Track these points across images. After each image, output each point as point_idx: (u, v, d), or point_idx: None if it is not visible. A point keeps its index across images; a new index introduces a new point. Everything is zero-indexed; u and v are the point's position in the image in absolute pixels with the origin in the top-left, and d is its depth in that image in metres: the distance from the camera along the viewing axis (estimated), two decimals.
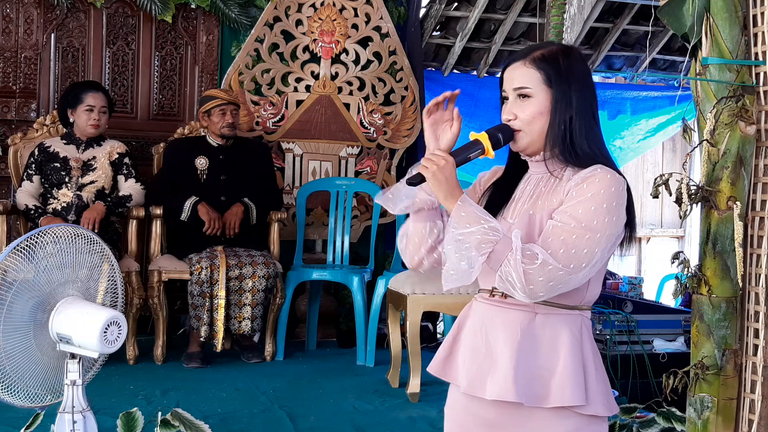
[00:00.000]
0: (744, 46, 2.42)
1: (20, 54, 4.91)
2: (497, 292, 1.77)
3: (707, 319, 2.42)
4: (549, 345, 1.73)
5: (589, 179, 1.69)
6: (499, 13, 6.09)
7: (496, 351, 1.74)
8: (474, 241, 1.65)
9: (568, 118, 1.75)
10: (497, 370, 1.73)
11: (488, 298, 1.80)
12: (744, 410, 2.43)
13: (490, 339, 1.76)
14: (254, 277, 4.27)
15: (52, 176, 4.35)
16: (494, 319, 1.77)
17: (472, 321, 1.82)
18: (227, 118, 4.55)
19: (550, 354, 1.73)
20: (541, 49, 1.79)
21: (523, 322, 1.74)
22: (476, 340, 1.79)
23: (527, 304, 1.73)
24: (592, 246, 1.65)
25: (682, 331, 4.55)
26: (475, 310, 1.83)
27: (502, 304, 1.77)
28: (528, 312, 1.74)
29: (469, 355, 1.79)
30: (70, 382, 2.46)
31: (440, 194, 1.69)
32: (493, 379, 1.73)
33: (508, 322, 1.75)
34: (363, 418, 3.50)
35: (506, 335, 1.74)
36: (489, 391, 1.73)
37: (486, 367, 1.75)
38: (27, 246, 2.39)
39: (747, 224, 2.43)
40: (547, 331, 1.74)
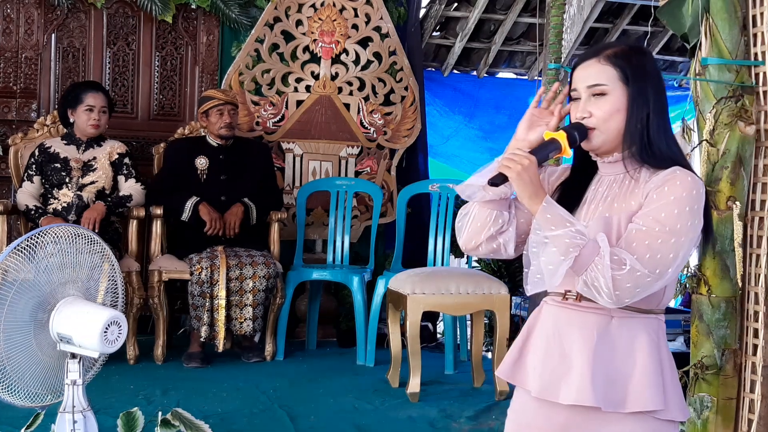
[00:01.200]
0: (743, 47, 2.42)
1: (21, 54, 4.92)
2: (570, 295, 1.74)
3: (707, 318, 2.42)
4: (626, 349, 1.71)
5: (670, 182, 1.67)
6: (498, 13, 6.10)
7: (572, 355, 1.72)
8: (561, 245, 1.63)
9: (645, 116, 1.72)
10: (573, 374, 1.71)
11: (561, 301, 1.76)
12: (743, 410, 2.43)
13: (564, 343, 1.74)
14: (255, 278, 4.27)
15: (52, 176, 4.35)
16: (569, 322, 1.75)
17: (544, 325, 1.79)
18: (224, 118, 4.55)
19: (627, 358, 1.71)
20: (614, 47, 1.77)
21: (600, 325, 1.72)
22: (549, 344, 1.76)
23: (603, 308, 1.70)
24: (676, 250, 1.63)
25: (682, 330, 4.56)
26: (546, 313, 1.80)
27: (577, 308, 1.74)
28: (604, 315, 1.72)
29: (542, 359, 1.76)
30: (71, 381, 2.46)
31: (525, 194, 1.66)
32: (568, 383, 1.70)
33: (583, 326, 1.73)
34: (363, 418, 3.50)
35: (582, 339, 1.72)
36: (564, 396, 1.70)
37: (560, 371, 1.73)
38: (27, 246, 2.39)
39: (746, 224, 2.44)
40: (624, 334, 1.72)
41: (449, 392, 3.91)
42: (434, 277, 3.86)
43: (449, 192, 4.80)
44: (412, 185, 4.94)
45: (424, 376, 3.80)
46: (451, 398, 3.79)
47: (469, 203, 1.80)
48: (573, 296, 1.74)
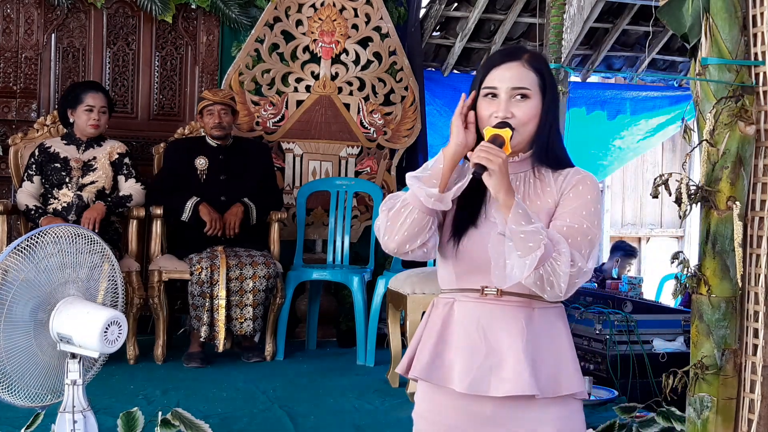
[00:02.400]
0: (743, 47, 2.42)
1: (21, 54, 4.91)
2: (490, 290, 1.79)
3: (707, 318, 2.42)
4: (549, 337, 1.80)
5: (582, 182, 1.79)
6: (498, 13, 6.10)
7: (501, 348, 1.76)
8: (535, 240, 1.66)
9: (551, 123, 1.83)
10: (506, 366, 1.75)
11: (479, 297, 1.80)
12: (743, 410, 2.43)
13: (489, 337, 1.77)
14: (255, 278, 4.27)
15: (52, 176, 4.35)
16: (491, 317, 1.79)
17: (462, 321, 1.81)
18: (215, 118, 4.56)
19: (551, 345, 1.80)
20: (530, 52, 1.84)
21: (525, 317, 1.78)
22: (473, 340, 1.78)
23: (523, 300, 1.78)
24: (596, 244, 1.77)
25: (682, 330, 4.55)
26: (461, 310, 1.82)
27: (498, 302, 1.79)
28: (526, 307, 1.79)
29: (467, 355, 1.77)
30: (71, 381, 2.46)
31: (503, 188, 1.68)
32: (501, 376, 1.74)
33: (509, 319, 1.78)
34: (363, 418, 3.50)
35: (510, 331, 1.77)
36: (500, 388, 1.74)
37: (489, 365, 1.76)
38: (27, 246, 2.39)
39: (746, 224, 2.44)
40: (545, 323, 1.80)
41: None
42: (434, 277, 3.84)
43: None
44: None
45: None
46: None
47: (400, 204, 1.80)
48: (493, 292, 1.79)
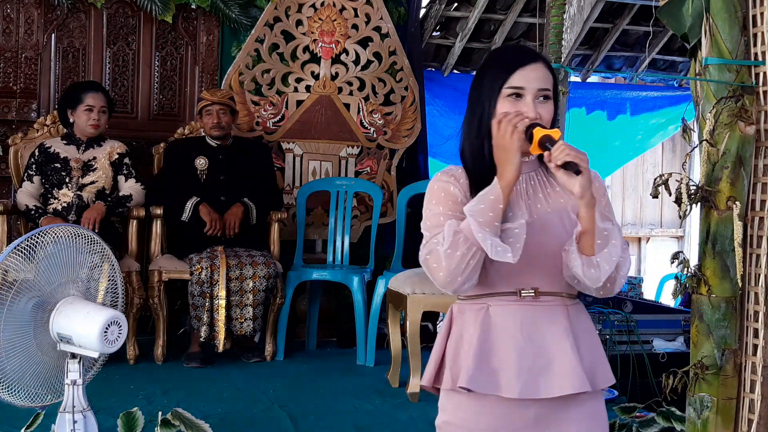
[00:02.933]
0: (743, 47, 2.42)
1: (21, 54, 4.91)
2: (527, 292, 1.77)
3: (707, 318, 2.42)
4: (583, 333, 1.81)
5: (596, 179, 1.82)
6: (499, 13, 6.10)
7: (548, 348, 1.75)
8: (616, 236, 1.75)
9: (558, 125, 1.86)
10: (557, 366, 1.74)
11: (516, 299, 1.77)
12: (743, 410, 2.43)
13: (534, 338, 1.76)
14: (255, 278, 4.27)
15: (52, 176, 4.35)
16: (533, 319, 1.77)
17: (503, 325, 1.77)
18: (213, 118, 4.56)
19: (586, 340, 1.81)
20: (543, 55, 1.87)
21: (564, 315, 1.79)
22: (518, 343, 1.75)
23: (559, 299, 1.79)
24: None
25: (682, 330, 4.56)
26: (498, 314, 1.78)
27: (537, 303, 1.78)
28: (561, 306, 1.80)
29: (513, 359, 1.74)
30: (71, 381, 2.46)
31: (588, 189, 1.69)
32: (552, 376, 1.74)
33: (550, 319, 1.78)
34: (363, 418, 3.50)
35: (554, 330, 1.77)
36: (555, 389, 1.73)
37: (537, 367, 1.74)
38: (27, 246, 2.39)
39: (746, 224, 2.44)
40: (578, 320, 1.82)
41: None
42: None
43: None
44: (412, 185, 4.94)
45: None
46: None
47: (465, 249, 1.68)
48: (530, 293, 1.77)
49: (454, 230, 1.69)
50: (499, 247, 1.67)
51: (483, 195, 1.70)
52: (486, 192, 1.70)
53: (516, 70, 1.77)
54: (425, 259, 1.75)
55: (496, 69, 1.80)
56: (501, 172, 1.71)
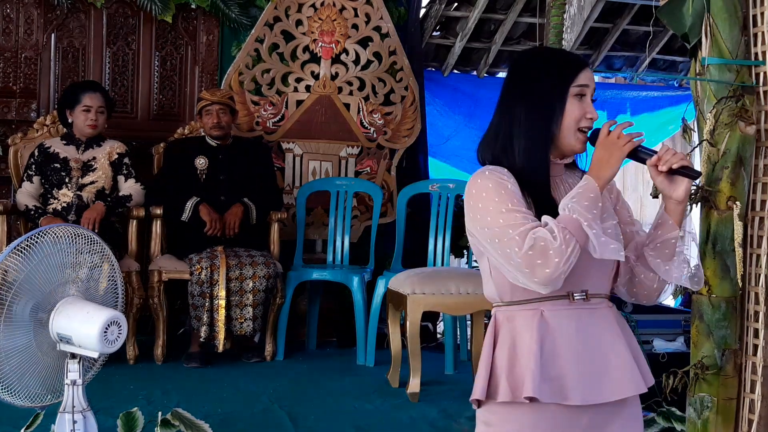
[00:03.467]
0: (744, 47, 2.42)
1: (20, 54, 4.91)
2: (579, 295, 1.76)
3: (707, 319, 2.42)
4: (628, 334, 1.83)
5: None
6: (499, 13, 6.09)
7: (604, 351, 1.75)
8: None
9: None
10: (615, 369, 1.74)
11: (568, 303, 1.75)
12: (744, 410, 2.43)
13: (591, 342, 1.75)
14: (255, 278, 4.27)
15: (52, 177, 4.35)
16: (587, 321, 1.76)
17: (559, 330, 1.73)
18: (213, 118, 4.56)
19: (631, 342, 1.82)
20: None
21: (612, 316, 1.81)
22: (575, 348, 1.73)
23: (606, 300, 1.81)
24: None
25: (682, 331, 4.55)
26: (554, 318, 1.74)
27: (587, 305, 1.77)
28: (608, 308, 1.82)
29: (575, 365, 1.72)
30: (71, 381, 2.46)
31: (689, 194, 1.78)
32: (612, 379, 1.73)
33: (602, 321, 1.78)
34: (363, 418, 3.50)
35: (608, 334, 1.77)
36: (616, 392, 1.73)
37: (596, 371, 1.73)
38: (27, 246, 2.39)
39: (747, 224, 2.44)
40: (621, 321, 1.84)
41: (449, 392, 3.91)
42: (434, 277, 3.86)
43: (449, 192, 4.80)
44: (412, 185, 4.94)
45: (425, 376, 3.80)
46: (452, 398, 3.79)
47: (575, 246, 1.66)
48: (582, 296, 1.76)
49: (560, 226, 1.66)
50: (612, 245, 1.67)
51: (582, 192, 1.69)
52: (584, 189, 1.69)
53: (582, 69, 1.79)
54: (527, 255, 1.64)
55: (561, 69, 1.79)
56: (599, 172, 1.71)
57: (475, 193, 1.74)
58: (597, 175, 1.71)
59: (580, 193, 1.69)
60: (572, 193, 1.70)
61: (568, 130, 1.77)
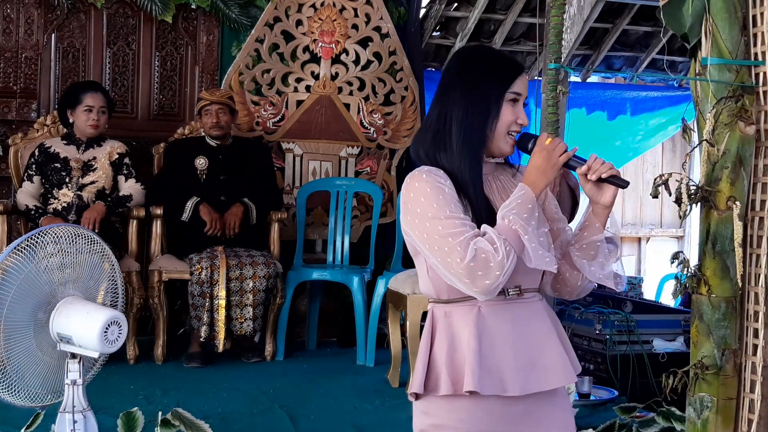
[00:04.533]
0: (743, 47, 2.42)
1: (21, 54, 4.91)
2: (513, 291, 1.81)
3: (707, 318, 2.42)
4: (556, 324, 1.89)
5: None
6: (498, 13, 6.09)
7: (540, 343, 1.82)
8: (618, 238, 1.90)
9: None
10: (549, 360, 1.81)
11: (503, 298, 1.80)
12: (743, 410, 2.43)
13: (526, 335, 1.81)
14: (255, 278, 4.27)
15: (52, 176, 4.35)
16: (520, 315, 1.83)
17: (496, 325, 1.79)
18: (212, 118, 4.56)
19: (558, 332, 1.88)
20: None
21: (543, 310, 1.87)
22: (514, 341, 1.80)
23: (536, 294, 1.87)
24: None
25: (682, 330, 4.55)
26: (491, 314, 1.79)
27: (521, 300, 1.83)
28: (539, 302, 1.88)
29: (512, 357, 1.78)
30: (71, 381, 2.46)
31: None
32: (547, 369, 1.80)
33: (534, 314, 1.85)
34: (363, 418, 3.50)
35: (540, 326, 1.84)
36: (550, 381, 1.80)
37: (531, 362, 1.80)
38: (27, 246, 2.39)
39: (746, 224, 2.44)
40: (551, 314, 1.90)
41: None
42: None
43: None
44: None
45: None
46: None
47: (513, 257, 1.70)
48: (516, 292, 1.81)
49: (501, 238, 1.70)
50: (547, 258, 1.73)
51: (521, 203, 1.73)
52: (523, 200, 1.74)
53: (518, 76, 1.85)
54: (469, 266, 1.67)
55: (499, 72, 1.84)
56: (535, 181, 1.76)
57: (413, 196, 1.78)
58: (533, 184, 1.76)
59: (519, 204, 1.73)
60: (511, 203, 1.74)
61: (500, 134, 1.83)
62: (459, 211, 1.75)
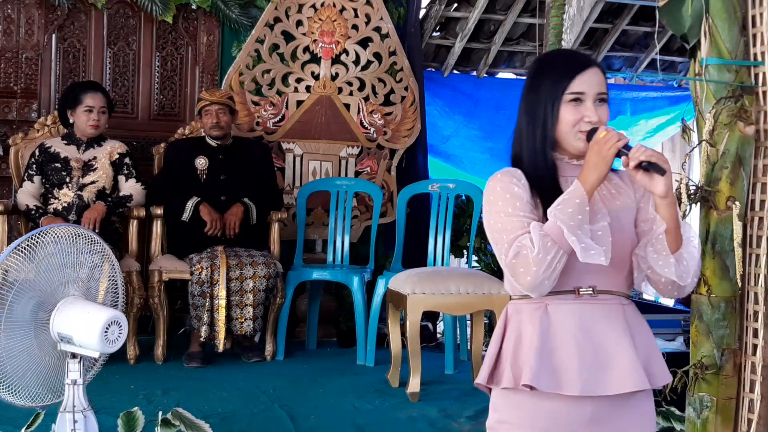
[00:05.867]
0: (743, 47, 2.42)
1: (21, 54, 4.92)
2: (586, 291, 1.80)
3: (706, 318, 2.43)
4: (640, 331, 1.84)
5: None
6: (498, 13, 6.09)
7: (608, 346, 1.78)
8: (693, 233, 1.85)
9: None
10: (616, 364, 1.77)
11: (574, 298, 1.80)
12: (743, 410, 2.43)
13: (594, 336, 1.79)
14: (255, 278, 4.27)
15: (52, 176, 4.35)
16: (592, 317, 1.80)
17: (563, 323, 1.79)
18: (212, 118, 4.56)
19: (643, 339, 1.84)
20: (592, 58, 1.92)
21: (621, 314, 1.83)
22: (578, 341, 1.78)
23: (616, 297, 1.83)
24: None
25: (682, 330, 4.55)
26: (557, 313, 1.80)
27: (596, 301, 1.81)
28: (618, 305, 1.84)
29: (574, 357, 1.77)
30: (71, 381, 2.46)
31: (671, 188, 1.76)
32: (613, 373, 1.76)
33: (608, 316, 1.81)
34: (363, 418, 3.50)
35: (614, 329, 1.80)
36: (615, 386, 1.76)
37: (598, 364, 1.77)
38: (28, 246, 2.39)
39: (746, 224, 2.44)
40: (633, 319, 1.85)
41: (449, 392, 3.91)
42: (434, 277, 3.86)
43: (449, 192, 4.81)
44: (412, 185, 4.94)
45: (424, 375, 3.80)
46: (451, 398, 3.79)
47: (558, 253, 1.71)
48: (588, 291, 1.80)
49: (541, 234, 1.71)
50: (593, 251, 1.71)
51: (568, 198, 1.72)
52: (570, 195, 1.73)
53: (576, 75, 1.81)
54: (511, 263, 1.74)
55: (555, 75, 1.83)
56: (587, 176, 1.74)
57: (486, 195, 1.85)
58: (584, 180, 1.74)
59: (566, 200, 1.72)
60: (559, 200, 1.74)
61: (566, 134, 1.82)
62: (525, 209, 1.77)
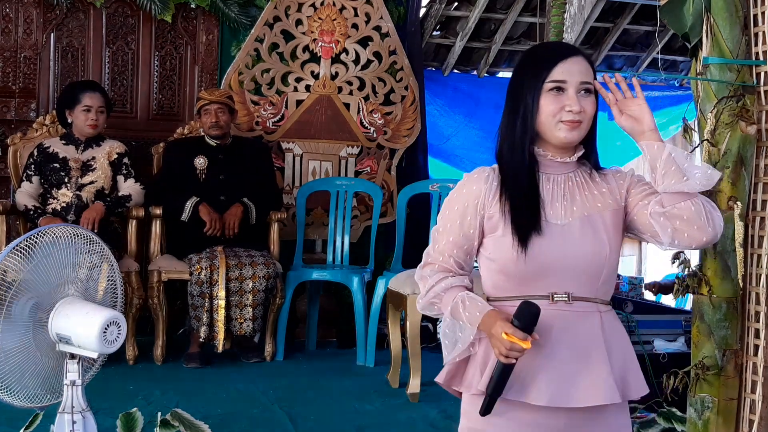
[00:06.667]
0: (744, 46, 2.41)
1: (20, 54, 4.91)
2: (560, 297, 1.71)
3: (708, 319, 2.42)
4: (616, 340, 1.76)
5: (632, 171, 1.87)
6: (499, 12, 6.09)
7: (582, 356, 1.70)
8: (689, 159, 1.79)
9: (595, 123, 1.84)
10: (589, 375, 1.69)
11: (548, 303, 1.71)
12: (745, 410, 2.43)
13: (567, 346, 1.71)
14: (254, 278, 4.27)
15: (51, 176, 4.34)
16: (565, 323, 1.71)
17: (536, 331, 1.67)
18: (211, 117, 4.55)
19: (619, 349, 1.75)
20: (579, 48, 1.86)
21: (597, 321, 1.74)
22: (551, 351, 1.70)
23: (592, 305, 1.74)
24: None
25: (683, 331, 4.54)
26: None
27: (569, 308, 1.72)
28: (594, 312, 1.74)
29: (545, 366, 1.70)
30: (70, 382, 2.45)
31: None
32: (585, 386, 1.69)
33: (583, 324, 1.73)
34: (363, 419, 3.50)
35: (588, 338, 1.72)
36: (585, 398, 1.68)
37: (570, 374, 1.70)
38: (26, 246, 2.38)
39: (747, 224, 2.43)
40: (610, 327, 1.76)
41: (449, 393, 3.90)
42: None
43: (449, 192, 4.79)
44: (412, 185, 4.93)
45: (425, 376, 3.79)
46: (452, 399, 3.74)
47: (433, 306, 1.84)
48: (563, 298, 1.71)
49: (436, 292, 1.80)
50: (449, 354, 1.81)
51: (469, 316, 1.73)
52: (471, 321, 1.73)
53: (557, 63, 1.74)
54: (418, 276, 1.84)
55: (536, 64, 1.76)
56: (488, 330, 1.71)
57: (451, 191, 1.88)
58: (483, 324, 1.72)
59: (469, 316, 1.74)
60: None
61: (547, 125, 1.75)
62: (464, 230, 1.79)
